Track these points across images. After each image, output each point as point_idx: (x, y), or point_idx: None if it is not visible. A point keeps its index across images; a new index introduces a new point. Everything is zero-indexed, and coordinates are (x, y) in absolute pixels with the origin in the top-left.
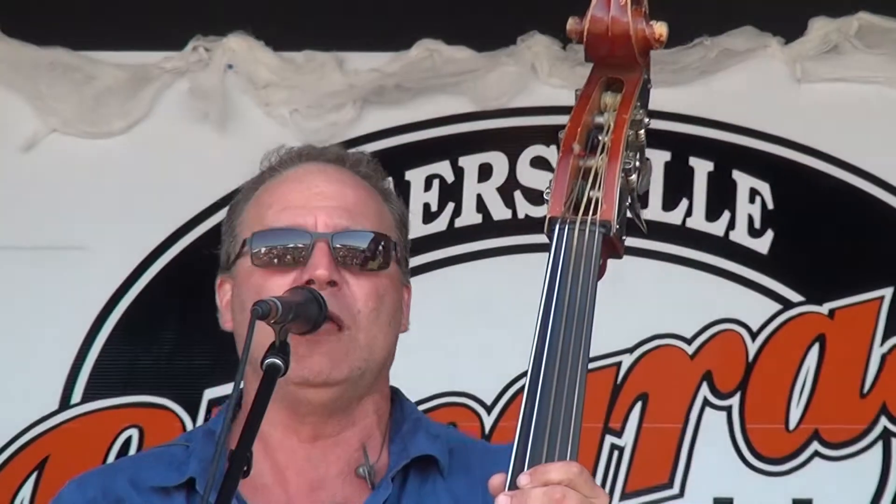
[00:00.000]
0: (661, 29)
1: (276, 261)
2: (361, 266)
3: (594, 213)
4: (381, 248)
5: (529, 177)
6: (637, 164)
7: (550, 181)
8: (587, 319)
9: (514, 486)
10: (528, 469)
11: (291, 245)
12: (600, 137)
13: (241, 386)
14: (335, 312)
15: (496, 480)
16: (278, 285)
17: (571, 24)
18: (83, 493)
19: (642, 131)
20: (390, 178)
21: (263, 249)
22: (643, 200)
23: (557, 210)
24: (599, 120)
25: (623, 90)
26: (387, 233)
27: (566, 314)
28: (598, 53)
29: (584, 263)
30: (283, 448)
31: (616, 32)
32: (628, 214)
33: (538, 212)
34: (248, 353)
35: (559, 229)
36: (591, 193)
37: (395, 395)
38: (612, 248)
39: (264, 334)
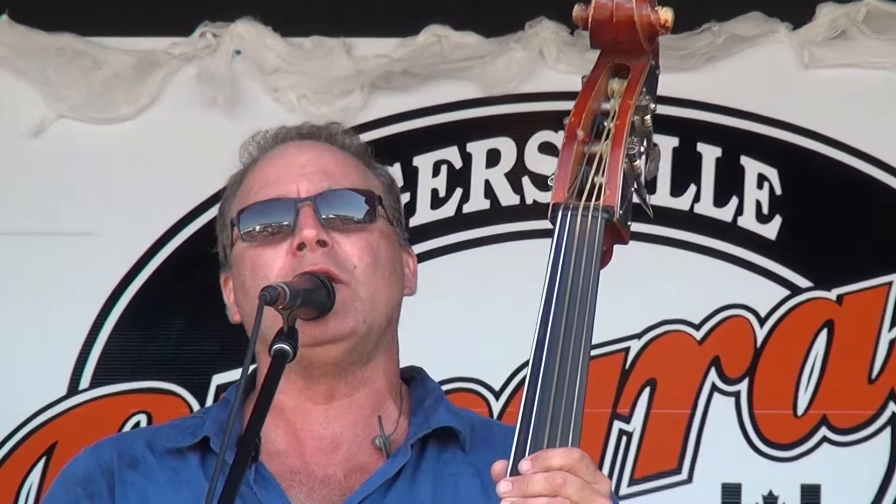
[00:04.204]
0: (666, 15)
1: (265, 234)
2: (349, 223)
3: (597, 198)
4: (365, 202)
5: (537, 162)
6: (642, 149)
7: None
8: (590, 305)
9: (515, 471)
10: (529, 455)
11: (277, 215)
12: (606, 123)
13: (255, 365)
14: (332, 270)
15: (498, 466)
16: (273, 256)
17: (577, 10)
18: (97, 457)
19: (648, 117)
20: (392, 166)
21: (250, 226)
22: (651, 186)
23: (561, 196)
24: (606, 106)
25: (629, 76)
26: (370, 188)
27: (569, 300)
28: (604, 40)
29: (587, 249)
30: (297, 413)
31: (620, 18)
32: (635, 200)
33: (546, 197)
34: (256, 337)
35: (562, 215)
36: (595, 179)
37: (419, 373)
38: (617, 235)
39: (275, 315)
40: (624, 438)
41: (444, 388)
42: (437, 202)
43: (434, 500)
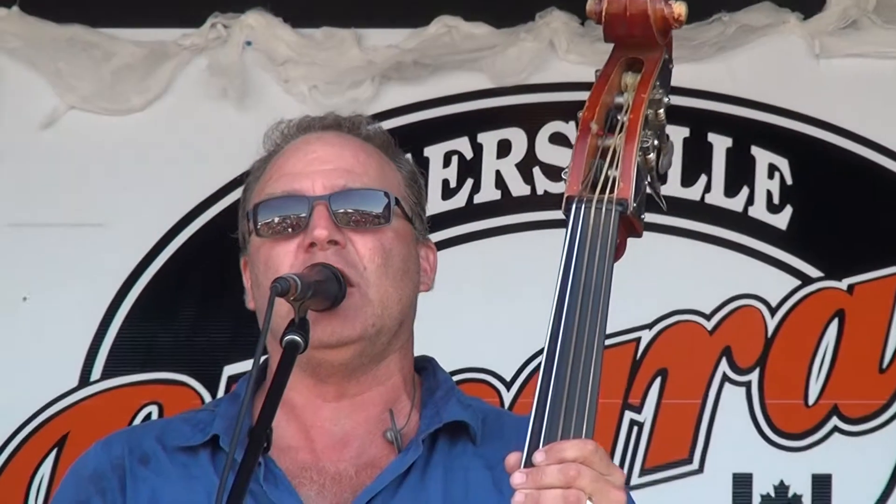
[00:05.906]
0: (679, 8)
1: (279, 229)
2: (363, 223)
3: (611, 191)
4: (382, 203)
5: (548, 153)
6: (656, 142)
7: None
8: (604, 297)
9: (529, 463)
10: (543, 446)
11: (291, 211)
12: (619, 117)
13: (266, 356)
14: (342, 269)
15: (512, 458)
16: (284, 252)
17: (591, 4)
18: (108, 452)
19: (662, 111)
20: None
21: (266, 219)
22: (662, 177)
23: (575, 189)
24: (619, 100)
25: (643, 70)
26: (388, 188)
27: (583, 292)
28: (617, 34)
29: (601, 241)
30: (307, 409)
31: (634, 12)
32: (648, 192)
33: (557, 188)
34: (267, 329)
35: (576, 208)
36: (608, 172)
37: (430, 363)
38: (631, 227)
39: (287, 308)
40: (635, 429)
41: (455, 378)
42: (447, 193)
43: (445, 495)
